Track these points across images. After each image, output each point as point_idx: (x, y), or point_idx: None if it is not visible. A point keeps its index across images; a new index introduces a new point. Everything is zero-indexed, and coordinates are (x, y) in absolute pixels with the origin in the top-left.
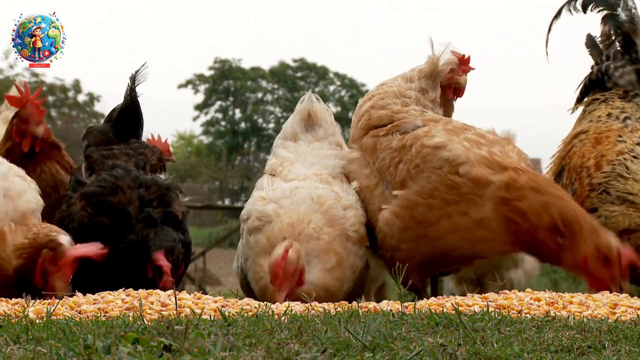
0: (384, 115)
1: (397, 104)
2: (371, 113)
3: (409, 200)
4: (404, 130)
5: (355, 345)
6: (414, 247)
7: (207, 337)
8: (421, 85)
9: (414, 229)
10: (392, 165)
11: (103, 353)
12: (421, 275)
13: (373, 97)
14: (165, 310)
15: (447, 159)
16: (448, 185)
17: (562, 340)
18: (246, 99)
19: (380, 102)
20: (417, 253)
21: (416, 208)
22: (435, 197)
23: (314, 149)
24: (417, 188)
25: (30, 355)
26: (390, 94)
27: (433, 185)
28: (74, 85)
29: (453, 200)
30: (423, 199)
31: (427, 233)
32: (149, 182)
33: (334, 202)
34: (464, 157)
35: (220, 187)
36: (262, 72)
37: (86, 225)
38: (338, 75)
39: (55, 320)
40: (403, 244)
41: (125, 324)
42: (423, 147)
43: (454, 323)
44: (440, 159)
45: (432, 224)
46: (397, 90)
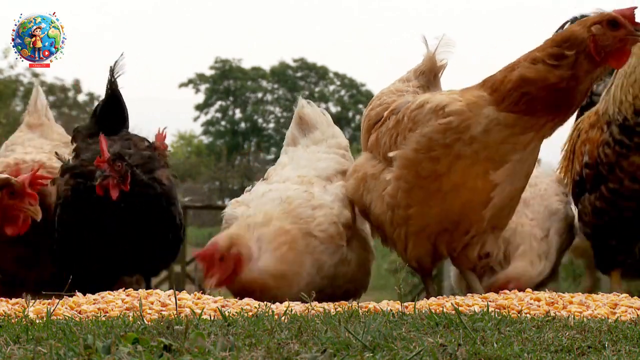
0: (381, 110)
1: (392, 97)
2: (370, 114)
3: (407, 157)
4: (397, 110)
5: (355, 345)
6: (426, 211)
7: (207, 337)
8: (419, 83)
9: (421, 187)
10: (391, 143)
11: (103, 353)
12: (432, 254)
13: (371, 103)
14: (165, 310)
15: (431, 108)
16: (441, 129)
17: (562, 340)
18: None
19: (377, 102)
20: (430, 218)
21: (420, 164)
22: (435, 147)
23: (310, 152)
24: (414, 145)
25: (30, 355)
26: (386, 92)
27: (428, 137)
28: (74, 86)
29: (454, 139)
30: (423, 153)
31: (440, 187)
32: (132, 153)
33: (302, 202)
34: (447, 100)
35: (220, 187)
36: (263, 72)
37: (70, 198)
38: (338, 75)
39: (55, 320)
40: (411, 209)
41: (125, 324)
42: (410, 112)
43: (454, 323)
44: (427, 112)
45: (442, 174)
46: (394, 89)
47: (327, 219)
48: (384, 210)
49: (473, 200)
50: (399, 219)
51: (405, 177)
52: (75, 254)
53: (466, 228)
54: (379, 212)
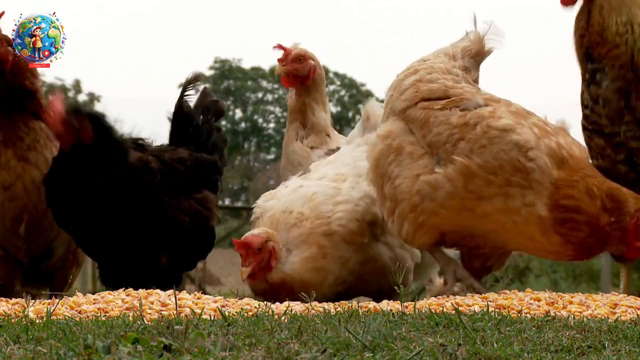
0: (436, 88)
1: (447, 80)
2: (419, 86)
3: (468, 168)
4: (464, 106)
5: (355, 345)
6: (453, 216)
7: (207, 337)
8: (465, 64)
9: (461, 198)
10: (449, 142)
11: (103, 353)
12: (436, 244)
13: (417, 71)
14: (165, 310)
15: (517, 142)
16: (515, 166)
17: (562, 340)
18: (246, 99)
19: (428, 77)
20: (454, 224)
21: (474, 178)
22: (498, 174)
23: (359, 151)
24: (481, 161)
25: (30, 355)
26: (437, 69)
27: (499, 163)
28: (74, 85)
29: (516, 182)
30: (484, 172)
31: (474, 208)
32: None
33: (325, 198)
34: (533, 143)
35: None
36: (263, 72)
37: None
38: (338, 75)
39: (55, 320)
40: (444, 210)
41: (125, 323)
42: (490, 128)
43: (454, 323)
44: (510, 142)
45: (483, 198)
46: (443, 67)
47: (348, 214)
48: (410, 192)
49: (496, 235)
50: (427, 209)
51: (455, 183)
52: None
53: (480, 246)
54: (404, 190)
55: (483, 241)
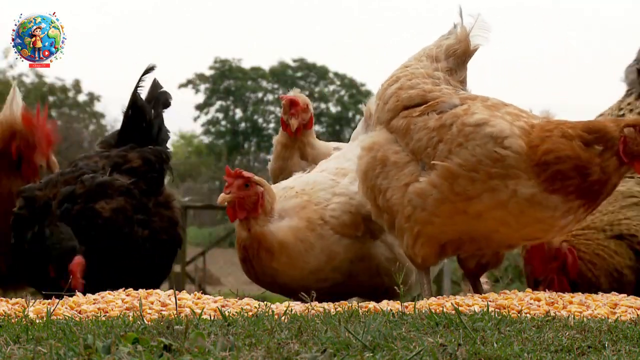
0: (415, 94)
1: (427, 84)
2: (400, 94)
3: (449, 170)
4: (440, 109)
5: (355, 345)
6: (448, 224)
7: (207, 337)
8: (449, 65)
9: (451, 202)
10: (430, 146)
11: (103, 353)
12: (438, 255)
13: (399, 79)
14: (165, 310)
15: (491, 134)
16: (493, 158)
17: (562, 340)
18: (246, 99)
19: (409, 83)
20: (450, 230)
21: (457, 180)
22: (479, 170)
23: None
24: (460, 160)
25: (30, 355)
26: (418, 75)
27: (477, 158)
28: (74, 86)
29: (498, 174)
30: (465, 171)
31: (466, 209)
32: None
33: (325, 187)
34: (508, 131)
35: (220, 187)
36: (263, 72)
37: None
38: (338, 75)
39: (55, 320)
40: (437, 217)
41: (125, 324)
42: (464, 126)
43: (454, 323)
44: (485, 135)
45: (472, 197)
46: (424, 72)
47: (342, 206)
48: (402, 204)
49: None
50: (420, 220)
51: (441, 188)
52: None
53: (480, 247)
54: (396, 202)
55: (486, 243)
